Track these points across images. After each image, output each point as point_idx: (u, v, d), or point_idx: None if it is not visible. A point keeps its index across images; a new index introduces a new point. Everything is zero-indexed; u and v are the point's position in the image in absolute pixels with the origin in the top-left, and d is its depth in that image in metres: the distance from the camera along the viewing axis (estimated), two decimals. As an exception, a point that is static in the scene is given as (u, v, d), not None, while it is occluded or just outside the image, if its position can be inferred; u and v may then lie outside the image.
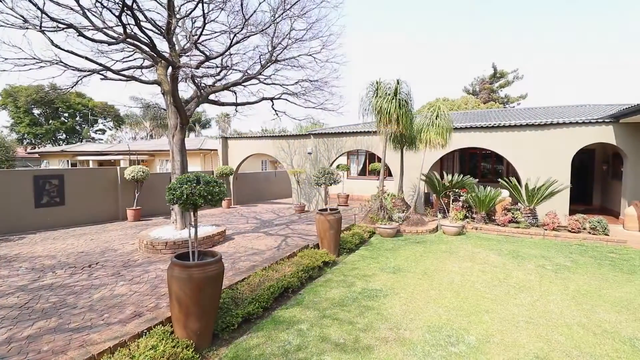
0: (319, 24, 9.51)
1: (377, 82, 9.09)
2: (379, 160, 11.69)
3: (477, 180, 10.47)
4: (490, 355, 3.18)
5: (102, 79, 7.73)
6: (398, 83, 8.83)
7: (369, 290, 4.73)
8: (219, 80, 10.20)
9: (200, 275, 3.27)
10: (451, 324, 3.79)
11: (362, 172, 16.55)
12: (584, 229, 8.06)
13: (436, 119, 9.19)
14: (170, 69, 7.26)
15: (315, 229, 6.55)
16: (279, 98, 11.26)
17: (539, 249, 7.03)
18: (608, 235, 7.77)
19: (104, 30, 6.38)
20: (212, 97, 10.37)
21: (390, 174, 14.69)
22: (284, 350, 3.26)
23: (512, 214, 8.91)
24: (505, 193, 9.66)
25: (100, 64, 7.04)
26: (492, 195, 8.96)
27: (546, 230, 8.21)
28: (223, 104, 10.54)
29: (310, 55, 10.30)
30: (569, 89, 47.23)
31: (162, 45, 7.79)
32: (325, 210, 6.44)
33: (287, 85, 10.90)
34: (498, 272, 5.56)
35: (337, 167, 14.14)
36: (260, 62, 9.90)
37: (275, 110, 11.90)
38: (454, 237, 8.12)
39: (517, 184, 9.29)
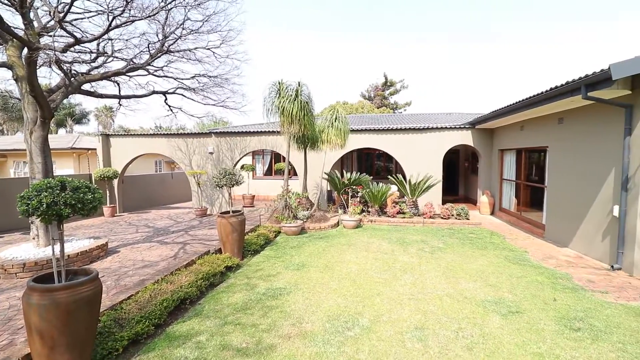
0: (217, 17, 9.04)
1: (279, 83, 9.17)
2: (285, 160, 11.84)
3: (372, 177, 11.59)
4: (380, 332, 3.56)
5: None
6: (299, 85, 9.08)
7: (273, 290, 4.75)
8: (96, 67, 8.77)
9: (69, 299, 2.75)
10: (348, 310, 4.10)
11: (268, 172, 16.49)
12: (452, 215, 9.73)
13: (335, 121, 9.79)
14: (26, 50, 5.89)
15: (217, 233, 6.23)
16: (173, 93, 10.32)
17: (420, 234, 8.19)
18: (469, 219, 9.56)
19: None
20: (87, 87, 8.85)
21: (295, 174, 15.04)
22: (180, 367, 3.01)
23: (400, 206, 10.15)
24: (394, 188, 10.94)
25: None
26: (383, 191, 10.03)
27: (425, 218, 9.63)
28: (102, 96, 9.11)
29: (208, 49, 9.73)
30: (443, 97, 56.61)
31: (15, 19, 6.25)
32: (228, 212, 6.19)
33: (183, 79, 10.07)
34: (388, 258, 6.26)
35: (242, 167, 13.76)
36: (149, 51, 8.89)
37: (170, 106, 10.88)
38: (352, 230, 8.80)
39: (402, 180, 10.63)
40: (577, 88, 5.42)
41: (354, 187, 10.59)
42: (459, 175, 16.29)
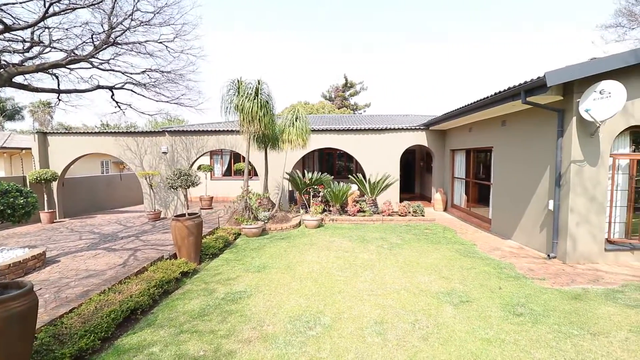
0: (170, 9, 8.59)
1: (238, 81, 8.92)
2: (244, 159, 11.55)
3: (333, 177, 11.74)
4: (341, 330, 3.59)
5: None
6: (259, 83, 8.91)
7: (233, 294, 4.60)
8: (31, 58, 7.93)
9: (-3, 316, 2.44)
10: (310, 309, 4.09)
11: (227, 173, 16.00)
12: (409, 212, 10.15)
13: (296, 120, 9.76)
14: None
15: (172, 238, 5.91)
16: (121, 88, 9.65)
17: (379, 232, 8.44)
18: (424, 216, 10.03)
19: None
20: (19, 79, 7.98)
21: (256, 174, 14.75)
22: (129, 382, 2.79)
23: (360, 204, 10.38)
24: (354, 187, 11.16)
25: None
26: (344, 190, 10.18)
27: (384, 216, 9.95)
28: (38, 90, 8.25)
29: (161, 42, 9.22)
30: (401, 98, 58.93)
31: None
32: (183, 215, 5.90)
33: (132, 74, 9.44)
34: (349, 256, 6.36)
35: (199, 167, 13.20)
36: (93, 42, 8.21)
37: (117, 102, 10.15)
38: (314, 229, 8.83)
39: (362, 179, 10.88)
40: (517, 93, 5.92)
41: (315, 187, 10.64)
42: (415, 174, 17.06)
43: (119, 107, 10.28)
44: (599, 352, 3.12)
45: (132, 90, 9.64)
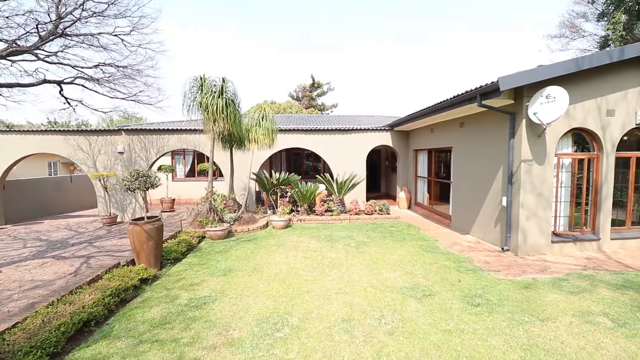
0: (126, 0, 8.11)
1: (201, 78, 8.61)
2: (209, 160, 11.17)
3: (301, 177, 11.72)
4: (309, 329, 3.59)
5: None
6: (224, 81, 8.67)
7: (197, 299, 4.43)
8: (-38, 48, 7.14)
9: None
10: (278, 311, 4.05)
11: (191, 173, 15.39)
12: (376, 211, 10.38)
13: (263, 120, 9.62)
14: None
15: (130, 243, 5.57)
16: (71, 83, 8.95)
17: (347, 230, 8.55)
18: (390, 214, 10.32)
19: None
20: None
21: (221, 174, 14.34)
22: (81, 400, 2.59)
23: (328, 204, 10.45)
24: (322, 187, 11.22)
25: None
26: (312, 190, 10.20)
27: (351, 215, 10.10)
28: (-30, 83, 7.41)
29: (116, 35, 8.67)
30: (367, 99, 60.15)
31: None
32: (142, 219, 5.58)
33: (84, 67, 8.79)
34: (316, 255, 6.38)
35: (159, 168, 12.58)
36: (38, 32, 7.54)
37: (66, 98, 9.40)
38: (282, 230, 8.75)
39: (330, 179, 10.96)
40: (474, 97, 6.27)
41: (282, 187, 10.55)
42: (381, 173, 17.50)
43: (69, 103, 9.51)
44: (547, 337, 3.39)
45: (83, 86, 8.96)
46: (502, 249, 6.42)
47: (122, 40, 8.68)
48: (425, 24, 58.42)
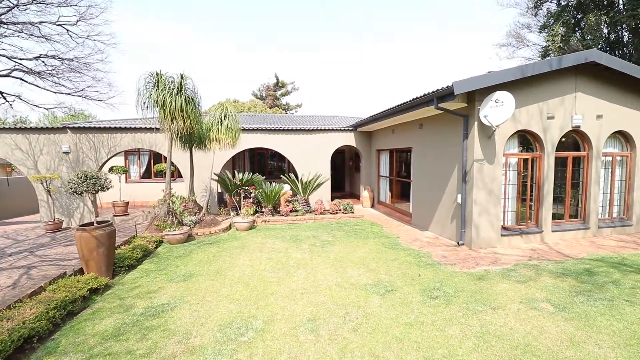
0: (70, -13, 7.49)
1: (157, 74, 8.15)
2: (166, 160, 10.62)
3: (265, 177, 11.54)
4: (274, 332, 3.54)
5: None
6: (183, 77, 8.29)
7: (154, 308, 4.19)
8: None
9: None
10: (241, 315, 3.95)
11: (147, 175, 14.54)
12: (340, 210, 10.52)
13: (225, 118, 9.33)
14: None
15: (77, 250, 5.13)
16: (7, 76, 8.10)
17: (312, 230, 8.57)
18: (354, 213, 10.50)
19: None
20: None
21: (180, 175, 13.72)
22: None
23: (293, 204, 10.41)
24: (287, 187, 11.14)
25: None
26: (276, 190, 10.09)
27: (316, 214, 10.14)
28: None
29: (60, 25, 7.98)
30: (331, 99, 60.76)
31: None
32: (91, 224, 5.17)
33: (23, 59, 8.00)
34: (281, 256, 6.32)
35: (110, 169, 11.74)
36: (-37, 18, 6.74)
37: (1, 92, 8.49)
38: (246, 232, 8.57)
39: (295, 179, 10.92)
40: (431, 99, 6.57)
41: (246, 188, 10.32)
42: (345, 173, 17.78)
43: (4, 98, 8.58)
44: (497, 324, 3.64)
45: (21, 79, 8.15)
46: (458, 243, 6.80)
47: (68, 30, 8.03)
48: (394, 24, 60.01)
